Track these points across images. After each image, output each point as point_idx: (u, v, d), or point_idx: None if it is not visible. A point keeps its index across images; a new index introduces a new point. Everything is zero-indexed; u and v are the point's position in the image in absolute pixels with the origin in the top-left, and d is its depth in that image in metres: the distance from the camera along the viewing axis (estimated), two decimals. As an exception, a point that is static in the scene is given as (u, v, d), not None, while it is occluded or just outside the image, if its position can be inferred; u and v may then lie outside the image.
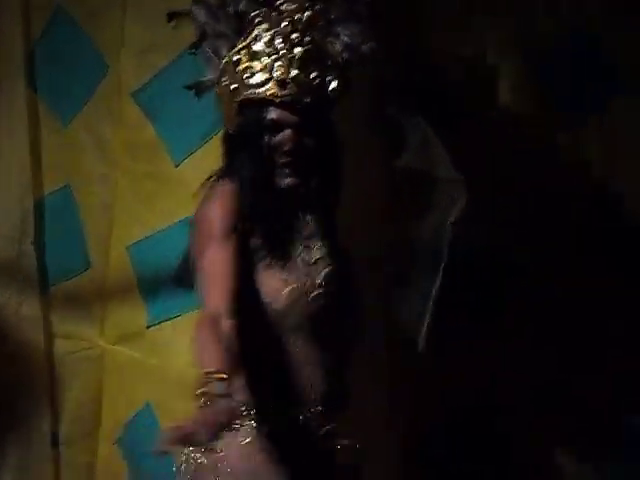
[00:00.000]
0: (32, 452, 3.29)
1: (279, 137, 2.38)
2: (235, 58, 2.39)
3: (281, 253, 2.40)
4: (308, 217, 2.45)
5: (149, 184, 3.10)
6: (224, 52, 2.45)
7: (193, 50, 2.46)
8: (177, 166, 3.02)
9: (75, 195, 3.25)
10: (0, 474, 3.35)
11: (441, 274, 3.01)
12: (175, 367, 3.05)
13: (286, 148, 2.39)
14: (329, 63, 2.42)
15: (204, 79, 2.48)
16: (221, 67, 2.42)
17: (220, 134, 2.67)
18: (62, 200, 3.28)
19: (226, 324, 2.22)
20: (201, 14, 2.47)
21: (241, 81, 2.39)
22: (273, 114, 2.37)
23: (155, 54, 3.06)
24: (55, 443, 3.28)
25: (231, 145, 2.48)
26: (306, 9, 2.40)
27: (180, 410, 2.79)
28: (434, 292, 3.02)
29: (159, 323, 3.11)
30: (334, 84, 2.39)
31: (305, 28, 2.41)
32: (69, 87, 3.24)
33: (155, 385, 3.12)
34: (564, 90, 3.29)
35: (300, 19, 2.41)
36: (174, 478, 2.83)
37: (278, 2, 2.40)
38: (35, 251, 3.27)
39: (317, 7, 2.42)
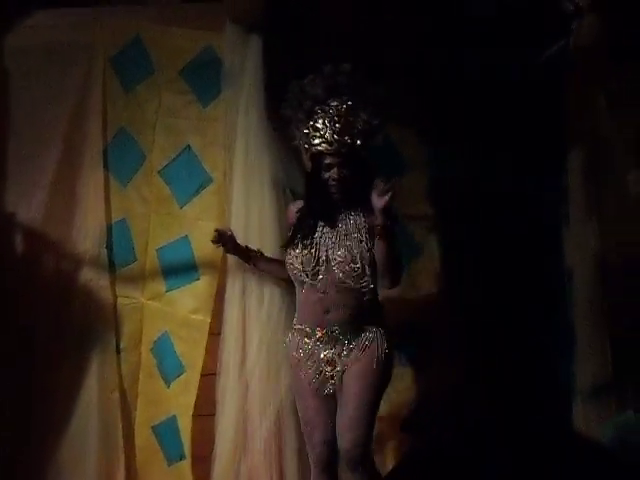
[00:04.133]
0: (106, 355, 4.63)
1: (330, 172, 3.88)
2: (306, 132, 3.89)
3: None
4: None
5: (166, 217, 4.62)
6: (302, 128, 3.92)
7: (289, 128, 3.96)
8: (181, 208, 4.59)
9: (128, 223, 4.69)
10: (88, 369, 4.57)
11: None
12: (179, 313, 4.57)
13: (334, 177, 3.89)
14: (356, 130, 3.85)
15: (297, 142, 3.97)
16: (301, 137, 3.92)
17: (205, 190, 4.47)
18: (121, 225, 4.70)
19: None
20: (290, 110, 3.94)
21: (310, 143, 3.89)
22: (327, 159, 3.88)
23: (168, 152, 4.59)
24: (118, 351, 4.65)
25: (307, 178, 4.02)
26: (342, 104, 3.86)
27: (181, 335, 4.53)
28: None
29: (171, 290, 4.60)
30: (359, 141, 3.86)
31: (340, 114, 3.84)
32: (125, 167, 4.69)
33: (169, 322, 4.60)
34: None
35: (339, 108, 3.86)
36: (175, 370, 4.53)
37: (329, 100, 3.86)
38: (107, 252, 4.67)
39: (348, 103, 3.86)
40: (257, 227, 4.43)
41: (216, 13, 4.49)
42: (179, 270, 4.55)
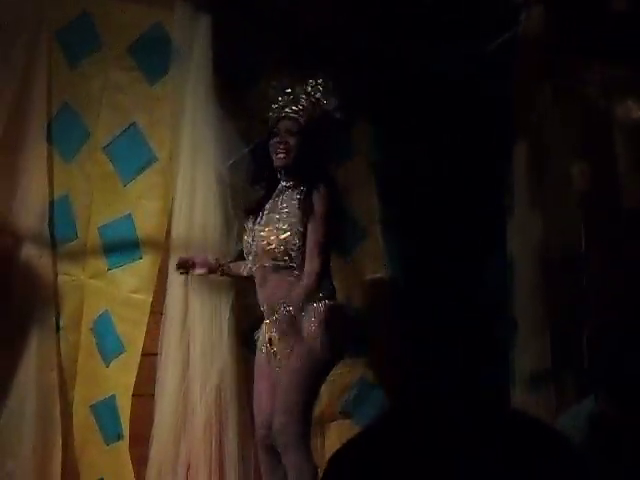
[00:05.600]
0: (45, 333, 4.49)
1: (278, 137, 3.94)
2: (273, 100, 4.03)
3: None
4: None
5: (109, 195, 4.55)
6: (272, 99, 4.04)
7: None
8: (124, 186, 4.50)
9: (71, 199, 4.58)
10: (27, 346, 4.44)
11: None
12: (121, 292, 4.49)
13: (278, 141, 3.92)
14: (316, 106, 3.94)
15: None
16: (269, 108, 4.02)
17: (150, 169, 4.39)
18: (64, 201, 4.58)
19: None
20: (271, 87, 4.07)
21: (270, 108, 3.98)
22: (279, 125, 3.96)
23: (113, 129, 4.50)
24: (58, 329, 4.54)
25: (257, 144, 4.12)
26: (313, 84, 3.97)
27: (122, 315, 4.45)
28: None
29: (113, 268, 4.51)
30: (315, 114, 3.93)
31: (308, 90, 3.95)
32: (69, 143, 4.58)
33: (110, 301, 4.52)
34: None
35: (309, 86, 3.96)
36: (115, 349, 4.45)
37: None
38: (49, 228, 4.53)
39: (318, 83, 3.96)
40: (202, 208, 4.37)
41: (166, -11, 4.44)
42: (121, 248, 4.45)
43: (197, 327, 4.31)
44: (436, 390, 4.48)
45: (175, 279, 4.35)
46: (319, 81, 3.94)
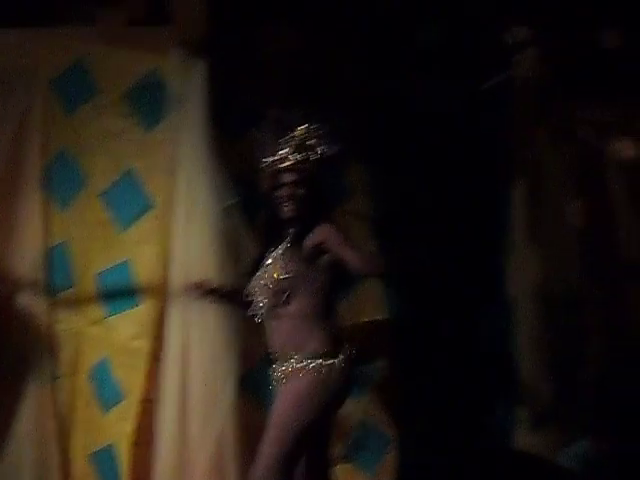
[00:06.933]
0: (42, 381, 4.44)
1: (282, 190, 3.82)
2: (267, 153, 3.84)
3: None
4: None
5: (106, 242, 4.52)
6: (266, 151, 3.88)
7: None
8: (122, 232, 4.49)
9: (68, 247, 4.55)
10: (25, 394, 4.38)
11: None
12: (118, 339, 4.44)
13: (285, 194, 3.83)
14: (312, 153, 3.79)
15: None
16: (262, 160, 3.84)
17: (146, 215, 4.38)
18: (61, 249, 4.56)
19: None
20: (260, 135, 3.84)
21: (267, 162, 3.80)
22: (281, 178, 3.82)
23: (109, 175, 4.50)
24: (54, 377, 4.48)
25: (265, 196, 3.90)
26: (305, 129, 3.81)
27: (121, 362, 4.39)
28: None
29: (110, 316, 4.48)
30: (313, 164, 3.78)
31: (301, 137, 3.80)
32: (66, 190, 4.57)
33: (107, 348, 4.48)
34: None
35: (302, 132, 3.81)
36: (113, 397, 4.39)
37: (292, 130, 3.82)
38: (45, 276, 4.51)
39: (310, 127, 3.81)
40: (199, 252, 4.36)
41: (161, 37, 4.44)
42: (119, 295, 4.43)
43: (197, 373, 4.26)
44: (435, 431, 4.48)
45: (174, 325, 4.31)
46: (312, 127, 3.85)
